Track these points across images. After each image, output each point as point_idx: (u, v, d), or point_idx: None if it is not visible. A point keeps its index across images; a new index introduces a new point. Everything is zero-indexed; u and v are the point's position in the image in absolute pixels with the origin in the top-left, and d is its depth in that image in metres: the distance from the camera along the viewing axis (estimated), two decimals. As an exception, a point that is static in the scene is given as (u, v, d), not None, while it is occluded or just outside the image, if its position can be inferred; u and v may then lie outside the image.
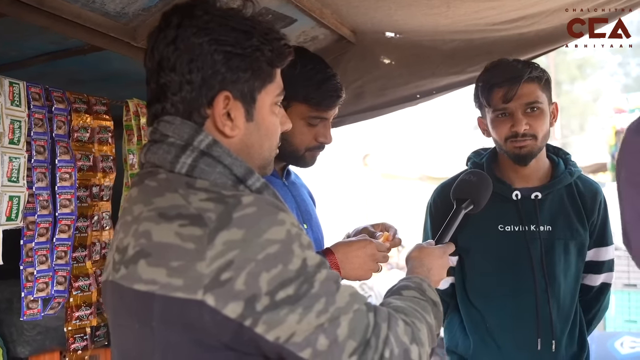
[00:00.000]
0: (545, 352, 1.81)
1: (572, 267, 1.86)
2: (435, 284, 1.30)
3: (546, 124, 1.82)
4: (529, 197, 1.86)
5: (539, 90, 1.80)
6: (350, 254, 1.47)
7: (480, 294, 1.89)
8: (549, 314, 1.82)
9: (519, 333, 1.84)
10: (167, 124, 1.01)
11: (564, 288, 1.85)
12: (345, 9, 2.15)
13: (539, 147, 1.83)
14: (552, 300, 1.82)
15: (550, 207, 1.87)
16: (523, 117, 1.78)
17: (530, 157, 1.83)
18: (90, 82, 2.36)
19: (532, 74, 1.79)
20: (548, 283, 1.82)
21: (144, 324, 0.93)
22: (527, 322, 1.83)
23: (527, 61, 1.85)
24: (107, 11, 1.81)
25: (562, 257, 1.84)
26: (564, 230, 1.85)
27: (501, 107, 1.81)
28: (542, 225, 1.84)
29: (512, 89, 1.77)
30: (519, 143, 1.80)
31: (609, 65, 25.96)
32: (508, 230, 1.85)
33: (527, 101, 1.79)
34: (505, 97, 1.78)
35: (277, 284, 0.88)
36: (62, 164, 1.96)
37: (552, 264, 1.83)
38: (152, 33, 1.03)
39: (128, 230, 0.97)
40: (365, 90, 2.70)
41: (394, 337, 0.96)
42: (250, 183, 1.00)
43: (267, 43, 1.02)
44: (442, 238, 1.49)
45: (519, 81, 1.76)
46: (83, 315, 2.07)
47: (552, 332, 1.82)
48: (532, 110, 1.79)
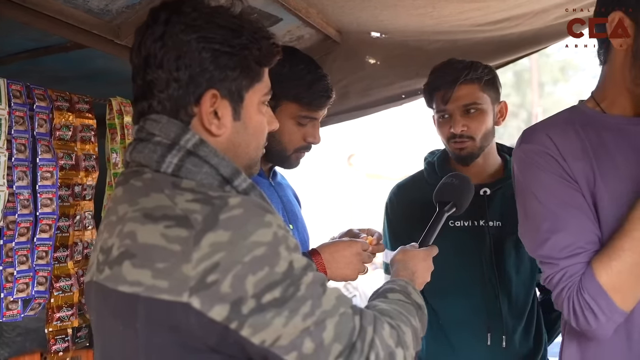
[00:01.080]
0: (495, 348, 1.83)
1: (525, 263, 1.88)
2: (420, 287, 1.31)
3: (486, 124, 1.87)
4: (477, 193, 1.87)
5: (478, 92, 1.85)
6: (336, 253, 1.47)
7: (434, 291, 1.88)
8: (499, 309, 1.84)
9: (470, 329, 1.86)
10: (154, 123, 0.99)
11: (517, 283, 1.87)
12: (331, 9, 2.15)
13: (479, 147, 1.88)
14: (502, 296, 1.84)
15: (500, 203, 1.90)
16: (461, 118, 1.84)
17: (471, 157, 1.89)
18: (73, 80, 2.33)
19: (470, 75, 1.84)
20: (497, 278, 1.84)
21: (128, 326, 0.92)
22: (477, 317, 1.85)
23: (470, 62, 1.89)
24: (90, 8, 1.79)
25: (513, 252, 1.87)
26: (514, 225, 1.87)
27: (442, 109, 1.88)
28: (491, 221, 1.88)
29: (449, 92, 1.84)
30: (458, 144, 1.86)
31: (590, 67, 26.32)
32: (458, 225, 1.89)
33: (465, 103, 1.84)
34: (443, 99, 1.85)
35: (263, 287, 0.87)
36: (44, 163, 1.93)
37: (502, 259, 1.86)
38: (140, 29, 1.02)
39: (113, 231, 0.96)
40: (350, 90, 2.71)
41: (379, 341, 0.96)
42: (237, 183, 0.99)
43: (256, 42, 1.02)
44: (425, 241, 1.51)
45: (455, 83, 1.83)
46: (64, 316, 2.04)
47: (502, 328, 1.83)
48: (470, 111, 1.85)
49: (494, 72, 1.93)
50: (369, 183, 9.90)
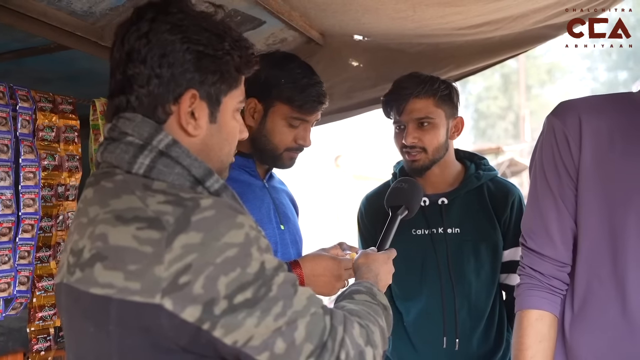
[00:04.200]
0: (450, 350, 1.91)
1: (485, 267, 1.95)
2: (383, 289, 1.34)
3: (438, 138, 1.94)
4: (436, 203, 1.98)
5: (431, 106, 1.93)
6: (316, 271, 1.52)
7: (399, 295, 2.00)
8: (454, 312, 1.90)
9: (428, 331, 1.94)
10: (127, 121, 1.00)
11: (477, 287, 1.94)
12: (314, 12, 2.17)
13: (431, 159, 1.95)
14: (458, 300, 1.91)
15: (458, 210, 1.98)
16: (413, 130, 1.93)
17: (423, 169, 1.97)
18: (57, 80, 2.34)
19: (425, 90, 1.91)
20: (454, 283, 1.92)
21: (100, 328, 0.92)
22: (434, 320, 1.93)
23: (429, 77, 1.97)
24: (73, 10, 1.80)
25: (472, 257, 1.94)
26: (473, 232, 1.96)
27: (397, 120, 1.97)
28: (449, 228, 1.96)
29: (403, 104, 1.92)
30: (411, 156, 1.95)
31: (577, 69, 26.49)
32: (419, 233, 1.98)
33: (418, 116, 1.92)
34: (398, 110, 1.94)
35: (235, 288, 0.88)
36: (26, 163, 1.94)
37: (460, 264, 1.94)
38: (123, 25, 1.03)
39: (83, 233, 0.96)
40: (334, 92, 2.72)
41: (349, 340, 0.97)
42: (209, 184, 1.00)
43: (237, 49, 1.04)
44: (382, 244, 1.55)
45: (410, 97, 1.91)
46: (47, 315, 2.05)
47: (455, 331, 1.90)
48: (423, 125, 1.92)
49: (452, 87, 2.00)
50: (356, 184, 9.94)
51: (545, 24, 2.29)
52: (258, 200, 1.70)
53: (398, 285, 1.98)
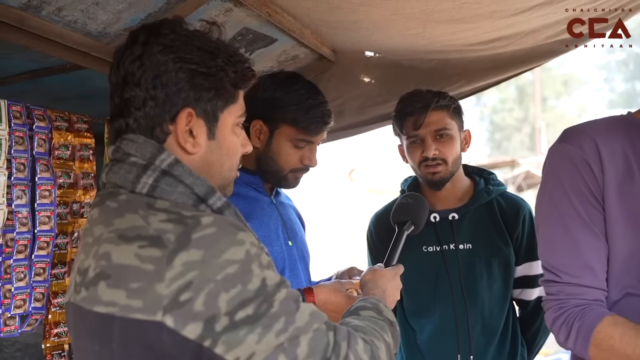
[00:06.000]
0: None
1: (497, 282, 1.94)
2: (391, 305, 1.34)
3: (456, 149, 1.95)
4: (446, 218, 1.97)
5: (447, 118, 1.94)
6: (328, 306, 1.48)
7: (412, 312, 2.00)
8: (467, 329, 1.89)
9: (442, 348, 1.93)
10: (130, 142, 1.02)
11: (490, 303, 1.93)
12: (325, 29, 2.19)
13: (451, 171, 1.95)
14: (472, 316, 1.90)
15: (469, 226, 1.97)
16: (433, 142, 1.92)
17: (443, 182, 1.96)
18: (72, 99, 2.38)
19: (440, 102, 1.93)
20: (467, 299, 1.91)
21: (103, 346, 0.93)
22: (448, 337, 1.92)
23: (437, 91, 1.99)
24: (88, 31, 1.84)
25: (485, 273, 1.93)
26: (485, 247, 1.95)
27: (413, 134, 1.95)
28: (461, 244, 1.95)
29: (421, 117, 1.91)
30: (431, 168, 1.93)
31: (594, 81, 26.29)
32: (430, 250, 1.97)
33: (436, 128, 1.92)
34: (415, 124, 1.93)
35: (236, 304, 0.89)
36: (42, 182, 1.97)
37: (472, 280, 1.93)
38: (119, 50, 1.05)
39: (89, 252, 0.98)
40: (346, 109, 2.74)
41: (353, 356, 0.97)
42: (212, 202, 1.01)
43: (232, 65, 1.05)
44: (390, 260, 1.55)
45: (427, 109, 1.91)
46: (62, 332, 2.07)
47: (469, 348, 1.89)
48: (441, 136, 1.93)
49: (458, 102, 2.03)
50: (370, 198, 9.92)
51: (557, 39, 2.29)
52: (266, 217, 1.70)
53: (411, 302, 1.98)
